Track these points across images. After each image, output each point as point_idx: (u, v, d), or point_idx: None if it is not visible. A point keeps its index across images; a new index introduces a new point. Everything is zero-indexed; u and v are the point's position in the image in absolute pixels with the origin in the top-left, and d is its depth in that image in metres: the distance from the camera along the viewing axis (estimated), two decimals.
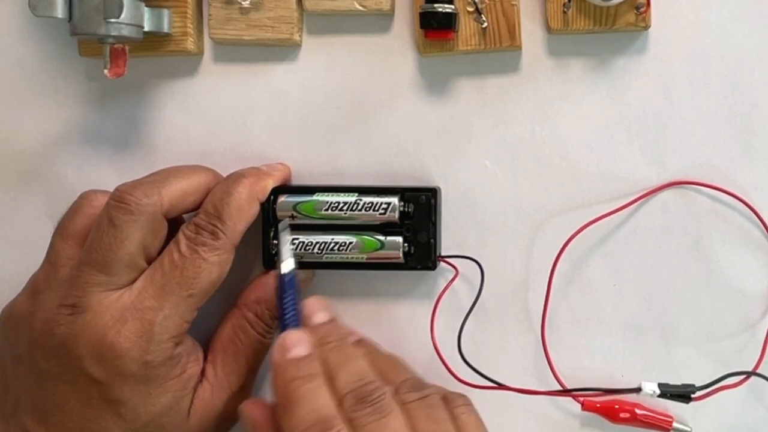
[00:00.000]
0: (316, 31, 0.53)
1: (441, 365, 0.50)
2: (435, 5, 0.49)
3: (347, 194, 0.51)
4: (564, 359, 0.52)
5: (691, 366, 0.52)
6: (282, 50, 0.53)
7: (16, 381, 0.47)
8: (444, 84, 0.52)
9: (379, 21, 0.52)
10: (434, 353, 0.50)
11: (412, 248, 0.51)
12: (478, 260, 0.51)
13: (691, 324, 0.52)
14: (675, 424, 0.51)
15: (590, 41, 0.52)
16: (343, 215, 0.50)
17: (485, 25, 0.50)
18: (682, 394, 0.50)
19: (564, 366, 0.52)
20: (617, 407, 0.51)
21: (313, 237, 0.51)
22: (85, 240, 0.47)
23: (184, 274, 0.46)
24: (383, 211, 0.50)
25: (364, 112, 0.53)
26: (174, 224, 0.49)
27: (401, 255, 0.50)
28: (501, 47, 0.51)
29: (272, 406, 0.46)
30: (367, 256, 0.50)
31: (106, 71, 0.49)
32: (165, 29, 0.51)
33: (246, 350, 0.50)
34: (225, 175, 0.51)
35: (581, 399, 0.51)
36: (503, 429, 0.52)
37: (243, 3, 0.51)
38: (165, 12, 0.51)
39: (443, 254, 0.52)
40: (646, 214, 0.52)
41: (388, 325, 0.53)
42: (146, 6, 0.49)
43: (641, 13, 0.50)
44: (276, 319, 0.51)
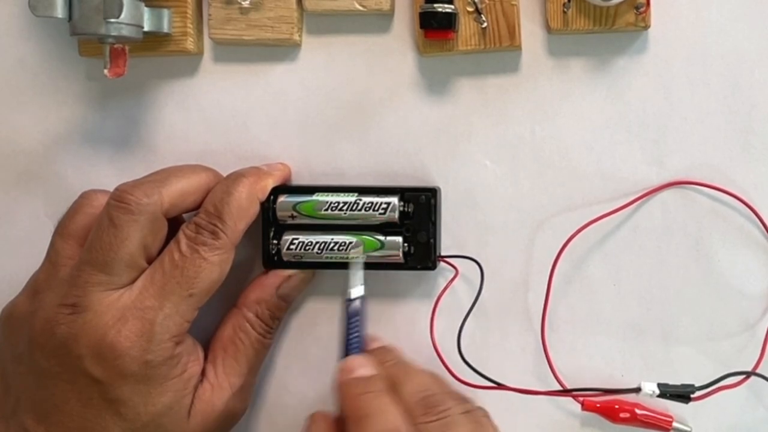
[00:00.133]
0: (316, 31, 0.53)
1: (441, 365, 0.50)
2: (435, 5, 0.49)
3: (347, 194, 0.51)
4: (564, 359, 0.52)
5: (691, 366, 0.52)
6: (282, 50, 0.53)
7: (16, 381, 0.47)
8: (444, 84, 0.52)
9: (379, 21, 0.52)
10: (434, 353, 0.50)
11: (412, 248, 0.51)
12: (478, 260, 0.51)
13: (691, 324, 0.52)
14: (675, 424, 0.51)
15: (590, 41, 0.52)
16: (343, 215, 0.50)
17: (485, 25, 0.50)
18: (682, 394, 0.50)
19: (564, 366, 0.52)
20: (617, 407, 0.51)
21: (313, 237, 0.51)
22: (86, 240, 0.47)
23: (185, 274, 0.46)
24: (383, 211, 0.50)
25: (364, 112, 0.53)
26: (174, 224, 0.49)
27: (401, 255, 0.50)
28: (501, 47, 0.51)
29: (338, 420, 0.46)
30: (367, 256, 0.50)
31: (106, 71, 0.49)
32: (165, 29, 0.51)
33: (246, 350, 0.50)
34: (225, 175, 0.51)
35: (581, 399, 0.51)
36: (503, 429, 0.52)
37: (243, 3, 0.51)
38: (165, 12, 0.51)
39: (443, 254, 0.52)
40: (646, 214, 0.52)
41: (388, 325, 0.53)
42: (146, 6, 0.49)
43: (641, 13, 0.50)
44: (275, 320, 0.52)
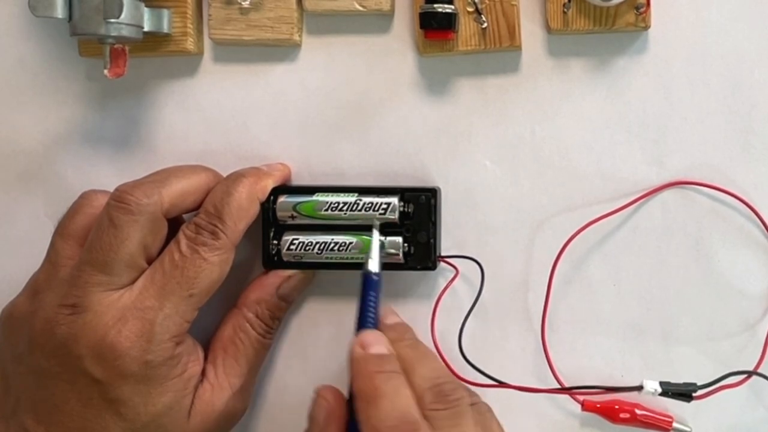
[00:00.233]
0: (316, 31, 0.53)
1: None
2: (435, 5, 0.49)
3: (347, 194, 0.51)
4: (564, 359, 0.52)
5: (691, 366, 0.52)
6: (282, 50, 0.53)
7: (17, 381, 0.47)
8: (444, 84, 0.52)
9: (379, 21, 0.52)
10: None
11: (412, 248, 0.51)
12: (478, 260, 0.51)
13: (691, 324, 0.52)
14: (675, 424, 0.51)
15: (590, 41, 0.52)
16: (343, 215, 0.50)
17: (485, 26, 0.50)
18: (684, 393, 0.50)
19: (564, 366, 0.52)
20: (617, 407, 0.51)
21: (313, 237, 0.51)
22: (86, 240, 0.47)
23: (185, 274, 0.46)
24: (383, 212, 0.50)
25: (364, 112, 0.53)
26: (174, 224, 0.49)
27: (401, 255, 0.50)
28: (501, 47, 0.51)
29: (344, 398, 0.46)
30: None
31: (106, 71, 0.49)
32: (165, 29, 0.51)
33: (246, 350, 0.50)
34: (225, 175, 0.51)
35: (581, 398, 0.51)
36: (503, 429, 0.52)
37: (243, 3, 0.51)
38: (165, 12, 0.51)
39: (443, 254, 0.52)
40: (646, 214, 0.52)
41: None
42: (146, 6, 0.49)
43: (641, 14, 0.50)
44: (275, 320, 0.52)
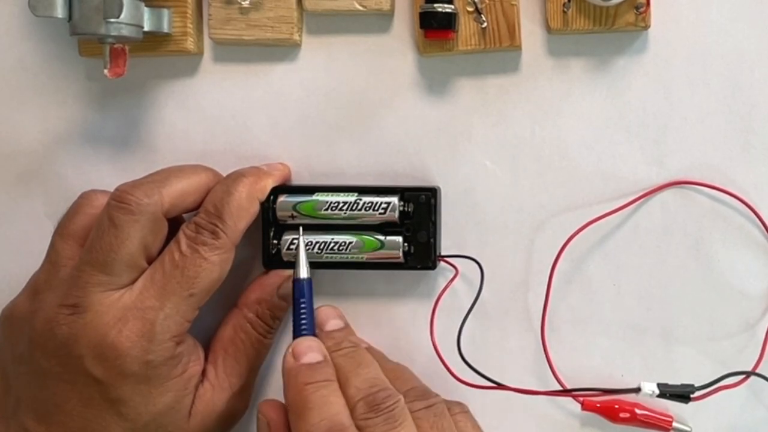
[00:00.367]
0: (316, 31, 0.53)
1: (440, 365, 0.50)
2: (435, 5, 0.49)
3: (347, 194, 0.51)
4: (564, 359, 0.52)
5: (691, 366, 0.52)
6: (282, 50, 0.53)
7: (17, 381, 0.47)
8: (444, 84, 0.52)
9: (379, 21, 0.52)
10: (434, 353, 0.50)
11: (412, 248, 0.51)
12: (478, 260, 0.51)
13: (691, 324, 0.52)
14: (675, 424, 0.51)
15: (590, 41, 0.52)
16: (343, 215, 0.50)
17: (485, 25, 0.50)
18: (682, 394, 0.50)
19: (564, 366, 0.52)
20: (617, 407, 0.51)
21: (313, 237, 0.51)
22: (86, 240, 0.47)
23: (185, 274, 0.46)
24: (383, 211, 0.50)
25: (364, 112, 0.53)
26: (174, 224, 0.49)
27: (401, 255, 0.50)
28: (501, 47, 0.51)
29: (287, 409, 0.46)
30: (367, 256, 0.50)
31: (106, 71, 0.49)
32: (165, 29, 0.51)
33: (247, 350, 0.50)
34: (225, 175, 0.51)
35: (581, 399, 0.51)
36: (503, 429, 0.52)
37: (243, 3, 0.51)
38: (165, 12, 0.51)
39: (443, 254, 0.52)
40: (646, 214, 0.52)
41: (388, 325, 0.53)
42: (146, 6, 0.49)
43: (641, 13, 0.50)
44: (276, 320, 0.52)
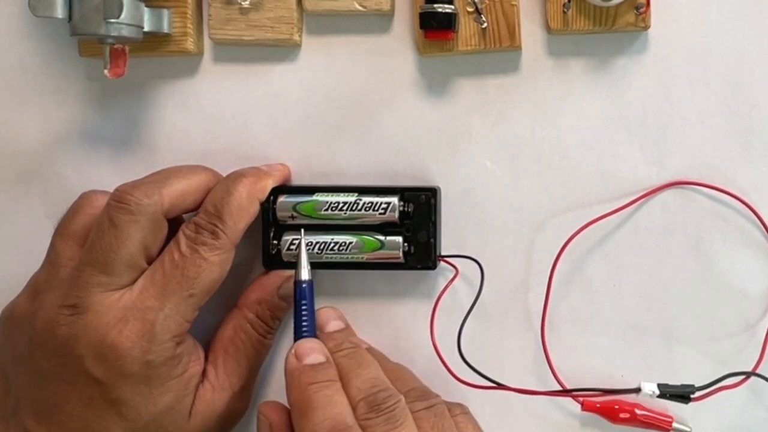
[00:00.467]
0: (316, 31, 0.53)
1: (441, 365, 0.50)
2: (435, 5, 0.49)
3: (347, 194, 0.51)
4: (564, 359, 0.52)
5: (691, 366, 0.52)
6: (282, 50, 0.53)
7: (17, 381, 0.47)
8: (444, 84, 0.52)
9: (379, 21, 0.52)
10: (434, 353, 0.50)
11: (412, 248, 0.51)
12: (478, 260, 0.51)
13: (691, 324, 0.52)
14: (675, 425, 0.51)
15: (590, 41, 0.52)
16: (343, 215, 0.50)
17: (485, 26, 0.50)
18: (682, 395, 0.50)
19: (564, 366, 0.52)
20: (617, 407, 0.51)
21: (313, 237, 0.51)
22: (86, 240, 0.47)
23: (185, 274, 0.46)
24: (383, 211, 0.50)
25: (364, 112, 0.53)
26: (174, 224, 0.49)
27: (401, 255, 0.50)
28: (501, 47, 0.51)
29: (288, 410, 0.46)
30: (367, 256, 0.50)
31: (106, 71, 0.49)
32: (165, 29, 0.51)
33: (247, 351, 0.50)
34: (225, 175, 0.51)
35: (581, 399, 0.51)
36: (503, 429, 0.52)
37: (243, 3, 0.51)
38: (165, 12, 0.51)
39: (443, 254, 0.52)
40: (646, 214, 0.52)
41: (388, 325, 0.53)
42: (146, 6, 0.49)
43: (641, 14, 0.50)
44: (276, 320, 0.52)
